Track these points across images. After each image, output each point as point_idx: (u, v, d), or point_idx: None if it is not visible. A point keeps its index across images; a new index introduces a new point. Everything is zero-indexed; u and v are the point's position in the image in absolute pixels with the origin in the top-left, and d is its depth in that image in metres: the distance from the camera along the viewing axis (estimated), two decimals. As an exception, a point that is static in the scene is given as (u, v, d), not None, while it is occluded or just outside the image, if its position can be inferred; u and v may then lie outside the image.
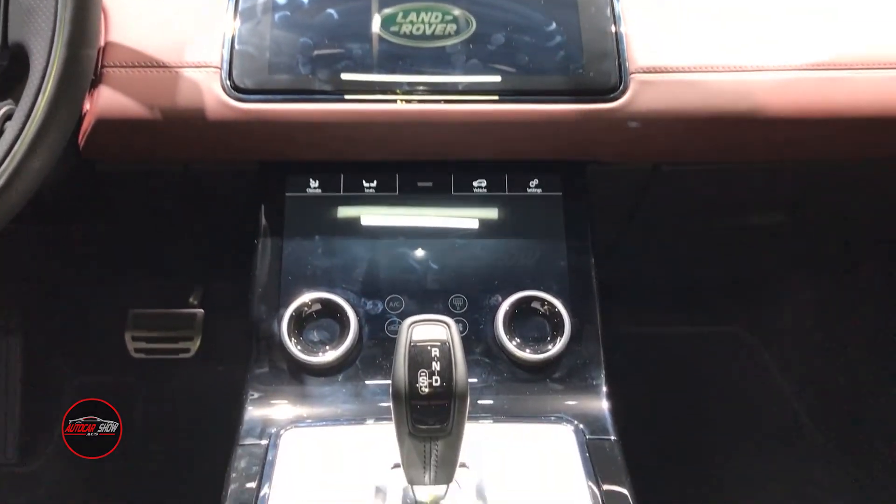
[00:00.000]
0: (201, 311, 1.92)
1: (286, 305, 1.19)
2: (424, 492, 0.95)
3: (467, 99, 1.21)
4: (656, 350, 1.83)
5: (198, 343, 1.89)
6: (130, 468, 1.79)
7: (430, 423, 0.83)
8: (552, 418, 1.14)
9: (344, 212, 1.27)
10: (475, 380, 1.17)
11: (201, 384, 1.85)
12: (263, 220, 1.26)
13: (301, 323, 1.18)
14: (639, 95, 1.21)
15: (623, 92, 1.21)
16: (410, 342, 0.82)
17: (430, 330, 0.83)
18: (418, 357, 0.82)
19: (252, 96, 1.19)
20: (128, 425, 1.88)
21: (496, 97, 1.21)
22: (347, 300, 1.19)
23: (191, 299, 1.95)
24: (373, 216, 1.27)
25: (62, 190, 1.33)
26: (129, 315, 1.92)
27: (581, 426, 1.12)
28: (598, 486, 1.02)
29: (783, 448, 1.89)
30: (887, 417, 1.81)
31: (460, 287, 1.23)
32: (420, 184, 1.28)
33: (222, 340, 1.89)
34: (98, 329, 1.94)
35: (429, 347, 0.82)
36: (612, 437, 1.12)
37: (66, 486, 1.80)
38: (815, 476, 1.87)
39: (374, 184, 1.28)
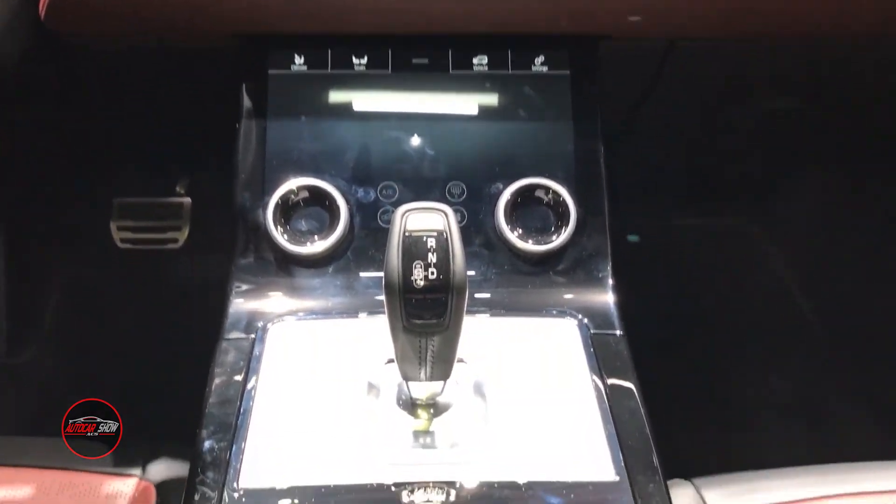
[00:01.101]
0: (188, 199, 1.85)
1: (271, 193, 1.11)
2: (420, 388, 0.90)
3: None
4: (663, 242, 1.77)
5: (186, 233, 1.83)
6: (117, 362, 1.77)
7: (426, 317, 0.77)
8: (555, 312, 1.08)
9: (332, 91, 1.17)
10: (473, 273, 1.10)
11: (191, 275, 1.80)
12: (245, 101, 1.17)
13: (288, 211, 1.11)
14: None
15: None
16: (405, 232, 0.75)
17: (425, 218, 0.76)
18: (413, 248, 0.75)
19: None
20: (114, 318, 1.84)
21: None
22: (337, 187, 1.12)
23: (177, 188, 1.87)
24: (363, 96, 1.18)
25: (27, 67, 1.23)
26: (114, 204, 1.85)
27: (585, 320, 1.07)
28: (604, 382, 0.98)
29: (787, 343, 1.86)
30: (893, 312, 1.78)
31: (458, 174, 1.15)
32: (415, 60, 1.18)
33: (212, 230, 1.82)
34: (83, 220, 1.87)
35: (424, 237, 0.75)
36: (618, 332, 1.06)
37: (55, 379, 1.77)
38: (817, 372, 1.85)
39: (365, 60, 1.17)
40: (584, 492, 0.85)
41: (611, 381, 0.98)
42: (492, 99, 1.18)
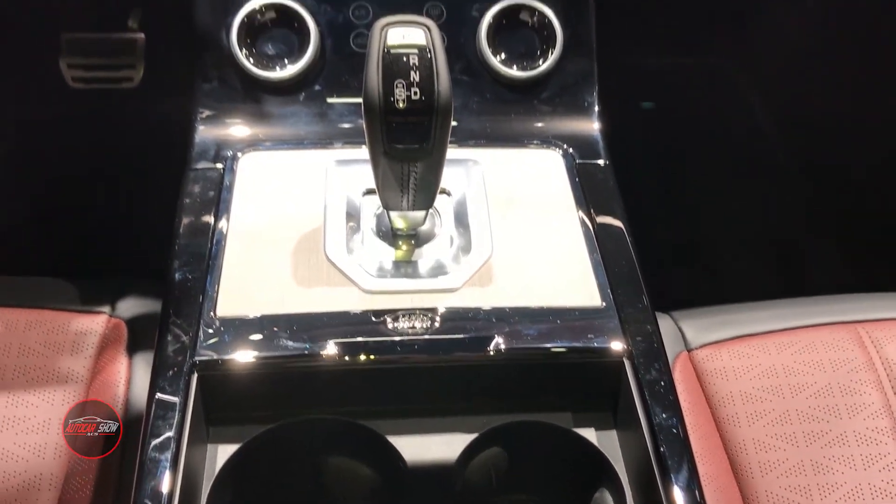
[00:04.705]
0: (142, 35, 1.72)
1: (234, 13, 1.03)
2: (401, 218, 0.87)
3: None
4: (643, 80, 1.71)
5: (141, 71, 1.72)
6: (77, 203, 1.71)
7: (408, 141, 0.73)
8: (540, 141, 1.04)
9: None
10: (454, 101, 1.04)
11: (147, 115, 1.71)
12: None
13: (253, 33, 1.03)
14: None
15: None
16: (385, 47, 0.69)
17: (407, 33, 0.70)
18: (394, 65, 0.69)
19: None
20: (71, 158, 1.76)
21: None
22: (305, 6, 1.04)
23: (129, 22, 1.74)
24: None
25: None
26: (63, 39, 1.72)
27: (571, 150, 1.03)
28: (590, 212, 0.95)
29: (762, 184, 1.86)
30: (868, 148, 1.77)
31: None
32: None
33: (168, 68, 1.72)
34: (30, 56, 1.75)
35: (406, 54, 0.69)
36: (605, 161, 1.03)
37: (12, 220, 1.71)
38: (789, 209, 1.86)
39: None
40: (570, 316, 0.84)
41: (597, 210, 0.95)
42: None
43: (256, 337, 0.80)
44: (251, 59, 1.02)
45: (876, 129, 1.73)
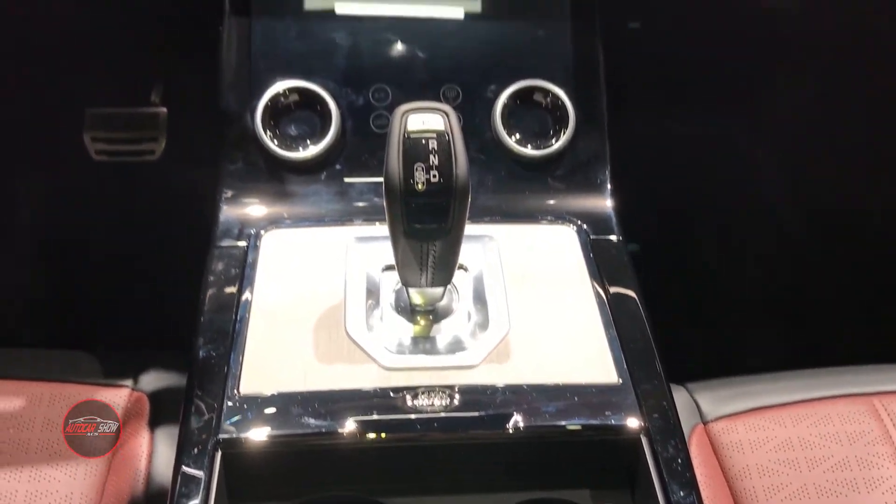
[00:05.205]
0: (164, 109, 1.78)
1: (259, 95, 1.07)
2: (420, 294, 0.89)
3: None
4: (652, 146, 1.75)
5: (163, 144, 1.77)
6: (100, 275, 1.73)
7: (428, 222, 0.75)
8: (554, 218, 1.06)
9: None
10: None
11: (169, 187, 1.75)
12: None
13: (277, 115, 1.07)
14: None
15: None
16: (405, 132, 0.72)
17: (426, 119, 0.73)
18: (414, 149, 0.72)
19: None
20: (94, 230, 1.80)
21: None
22: (327, 90, 1.08)
23: (151, 96, 1.80)
24: None
25: None
26: (87, 114, 1.77)
27: (585, 226, 1.05)
28: (605, 287, 0.97)
29: (775, 251, 1.87)
30: (883, 218, 1.79)
31: (453, 75, 1.11)
32: None
33: (189, 141, 1.77)
34: (55, 129, 1.80)
35: (425, 139, 0.72)
36: (618, 237, 1.05)
37: (35, 291, 1.74)
38: (801, 272, 1.87)
39: None
40: (587, 393, 0.85)
41: (611, 285, 0.97)
42: None
43: (278, 415, 0.82)
44: (275, 141, 1.06)
45: (888, 198, 1.76)
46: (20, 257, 1.77)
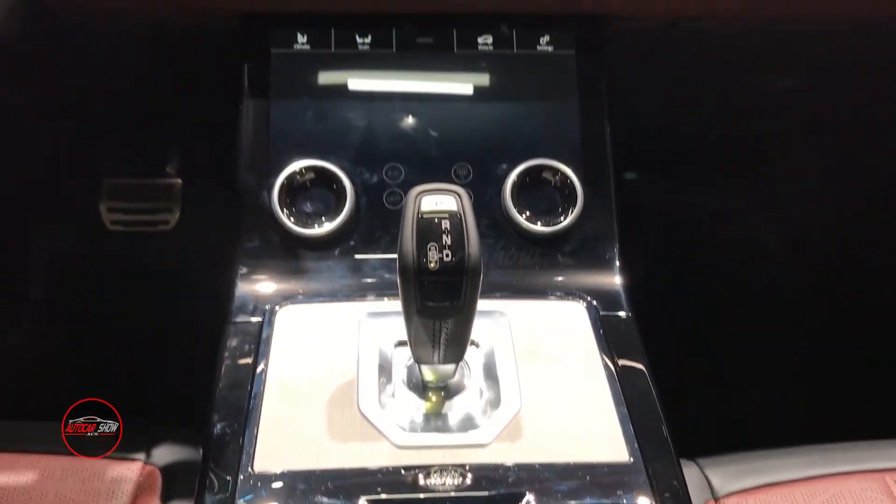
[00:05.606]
0: (179, 181, 1.82)
1: (276, 174, 1.10)
2: (432, 371, 0.90)
3: None
4: (659, 219, 1.78)
5: (177, 215, 1.80)
6: (113, 346, 1.74)
7: (440, 300, 0.76)
8: (564, 294, 1.08)
9: (335, 70, 1.16)
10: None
11: (183, 257, 1.78)
12: (247, 80, 1.15)
13: (293, 193, 1.10)
14: None
15: None
16: (419, 213, 0.74)
17: (439, 200, 0.75)
18: (427, 229, 0.74)
19: None
20: (106, 301, 1.82)
21: None
22: (342, 168, 1.10)
23: (167, 168, 1.84)
24: (368, 76, 1.16)
25: (19, 42, 1.20)
26: (104, 185, 1.82)
27: (594, 302, 1.07)
28: (615, 363, 0.98)
29: (785, 324, 1.88)
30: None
31: (464, 155, 1.14)
32: (420, 40, 1.16)
33: (203, 212, 1.80)
34: (71, 199, 1.84)
35: (438, 219, 0.74)
36: (627, 313, 1.06)
37: (47, 361, 1.75)
38: (814, 346, 1.87)
39: (369, 39, 1.16)
40: (598, 472, 0.85)
41: (621, 362, 0.98)
42: (497, 79, 1.17)
43: (291, 493, 0.82)
44: (291, 218, 1.08)
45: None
46: (33, 327, 1.79)
